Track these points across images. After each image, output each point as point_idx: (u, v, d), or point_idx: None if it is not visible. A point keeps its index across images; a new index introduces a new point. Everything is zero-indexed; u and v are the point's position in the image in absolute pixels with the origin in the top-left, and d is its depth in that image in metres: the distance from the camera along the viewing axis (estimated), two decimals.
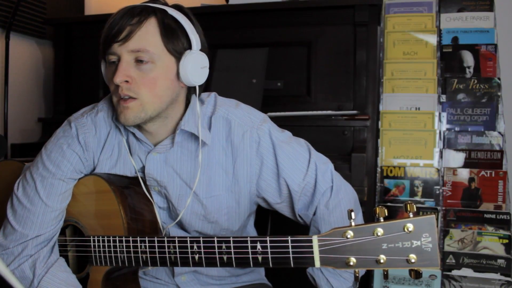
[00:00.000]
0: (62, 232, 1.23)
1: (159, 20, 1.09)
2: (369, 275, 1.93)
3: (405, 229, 0.86)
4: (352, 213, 0.91)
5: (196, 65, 1.12)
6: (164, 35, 1.09)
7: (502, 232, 1.86)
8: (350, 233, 0.89)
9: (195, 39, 1.13)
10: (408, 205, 0.87)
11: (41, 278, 1.12)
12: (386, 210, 0.89)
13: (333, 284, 1.13)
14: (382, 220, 0.89)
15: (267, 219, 1.57)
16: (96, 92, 2.20)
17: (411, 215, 0.87)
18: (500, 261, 1.84)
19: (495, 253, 1.85)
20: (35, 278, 1.12)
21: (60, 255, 1.20)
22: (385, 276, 0.92)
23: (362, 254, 0.89)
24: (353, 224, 0.90)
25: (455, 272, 1.88)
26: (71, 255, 1.23)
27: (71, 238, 1.23)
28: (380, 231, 0.88)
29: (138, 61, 1.08)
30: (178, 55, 1.11)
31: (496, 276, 1.84)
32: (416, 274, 0.88)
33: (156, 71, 1.09)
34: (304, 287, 1.35)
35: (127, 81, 1.08)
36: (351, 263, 0.89)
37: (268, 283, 1.42)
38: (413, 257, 0.86)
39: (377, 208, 0.89)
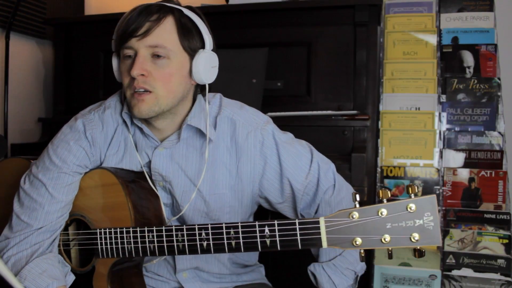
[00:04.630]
0: (66, 228, 1.24)
1: (176, 18, 1.13)
2: (369, 274, 1.93)
3: (408, 209, 0.90)
4: (357, 196, 0.93)
5: (208, 64, 1.17)
6: (180, 33, 1.13)
7: (502, 232, 1.86)
8: (355, 214, 0.92)
9: (208, 39, 1.17)
10: (410, 187, 0.91)
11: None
12: (389, 192, 0.93)
13: (335, 280, 1.14)
14: (385, 201, 0.92)
15: (267, 219, 1.57)
16: (96, 92, 2.20)
17: (413, 196, 0.91)
18: (500, 261, 1.84)
19: (495, 253, 1.85)
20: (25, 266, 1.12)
21: (64, 250, 1.22)
22: (390, 255, 0.95)
23: (367, 233, 0.92)
24: (357, 206, 0.93)
25: (455, 272, 1.88)
26: (74, 249, 1.25)
27: (77, 231, 1.24)
28: (384, 211, 0.91)
29: (155, 56, 1.11)
30: (192, 53, 1.15)
31: (496, 276, 1.84)
32: (419, 253, 0.91)
33: (171, 66, 1.13)
34: (304, 286, 1.35)
35: (143, 75, 1.11)
36: (357, 243, 0.93)
37: (268, 283, 1.42)
38: (416, 235, 0.90)
39: (381, 191, 0.93)
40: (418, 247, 0.91)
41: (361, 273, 1.19)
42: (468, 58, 2.02)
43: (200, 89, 1.24)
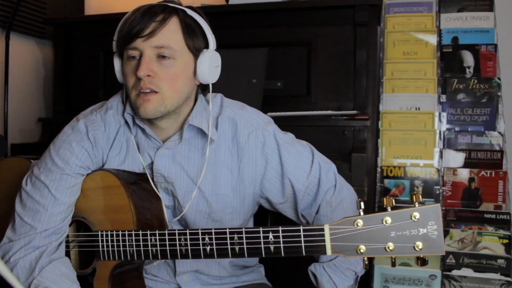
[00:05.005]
0: None
1: (181, 19, 1.13)
2: (369, 274, 1.93)
3: (412, 218, 0.90)
4: (362, 203, 0.93)
5: (212, 64, 1.17)
6: (185, 33, 1.13)
7: (502, 232, 1.86)
8: (360, 222, 0.92)
9: (212, 38, 1.17)
10: (414, 195, 0.91)
11: (42, 268, 1.11)
12: (393, 200, 0.93)
13: (336, 281, 1.14)
14: (389, 209, 0.92)
15: (267, 220, 1.57)
16: (96, 92, 2.20)
17: (417, 205, 0.91)
18: (500, 261, 1.84)
19: (495, 253, 1.85)
20: (37, 268, 1.12)
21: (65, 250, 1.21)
22: (393, 263, 0.95)
23: (372, 241, 0.92)
24: (362, 213, 0.93)
25: (455, 272, 1.88)
26: (74, 251, 1.24)
27: (77, 233, 1.24)
28: (388, 219, 0.91)
29: (160, 57, 1.11)
30: (196, 53, 1.16)
31: (496, 276, 1.84)
32: (422, 261, 0.91)
33: (176, 67, 1.13)
34: (304, 286, 1.35)
35: (149, 75, 1.10)
36: (361, 251, 0.93)
37: (268, 283, 1.42)
38: (419, 244, 0.90)
39: (385, 199, 0.92)
40: (422, 256, 0.91)
41: (361, 274, 1.19)
42: (468, 58, 2.02)
43: (201, 89, 1.24)
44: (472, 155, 1.95)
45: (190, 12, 1.15)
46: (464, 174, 1.94)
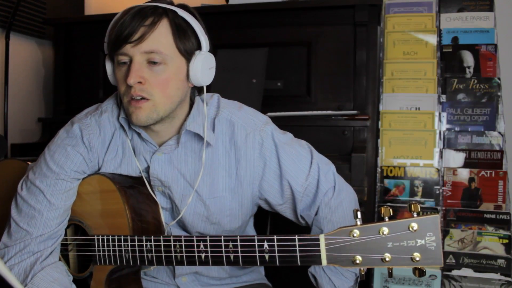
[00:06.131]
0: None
1: (171, 21, 1.09)
2: (369, 274, 1.93)
3: (410, 228, 0.88)
4: (358, 213, 0.92)
5: (205, 66, 1.14)
6: (176, 36, 1.10)
7: (502, 232, 1.86)
8: (356, 232, 0.91)
9: (204, 39, 1.14)
10: (413, 205, 0.89)
11: (34, 274, 1.11)
12: (391, 210, 0.91)
13: (335, 283, 1.14)
14: (387, 219, 0.90)
15: (267, 220, 1.57)
16: (96, 92, 2.20)
17: (415, 215, 0.89)
18: (500, 261, 1.84)
19: (495, 253, 1.85)
20: (30, 274, 1.11)
21: (62, 254, 1.20)
22: (390, 274, 0.93)
23: (368, 252, 0.91)
24: (358, 223, 0.92)
25: (455, 272, 1.88)
26: (72, 254, 1.23)
27: (74, 237, 1.23)
28: (385, 230, 0.89)
29: (151, 62, 1.08)
30: (188, 56, 1.12)
31: (496, 276, 1.84)
32: (420, 273, 0.90)
33: (168, 72, 1.10)
34: (304, 287, 1.35)
35: (140, 82, 1.08)
36: (357, 261, 0.91)
37: (268, 283, 1.42)
38: (417, 255, 0.88)
39: (382, 208, 0.91)
40: (419, 267, 0.89)
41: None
42: (468, 58, 2.02)
43: (197, 90, 1.22)
44: (472, 155, 1.95)
45: (181, 12, 1.11)
46: (464, 174, 1.94)
